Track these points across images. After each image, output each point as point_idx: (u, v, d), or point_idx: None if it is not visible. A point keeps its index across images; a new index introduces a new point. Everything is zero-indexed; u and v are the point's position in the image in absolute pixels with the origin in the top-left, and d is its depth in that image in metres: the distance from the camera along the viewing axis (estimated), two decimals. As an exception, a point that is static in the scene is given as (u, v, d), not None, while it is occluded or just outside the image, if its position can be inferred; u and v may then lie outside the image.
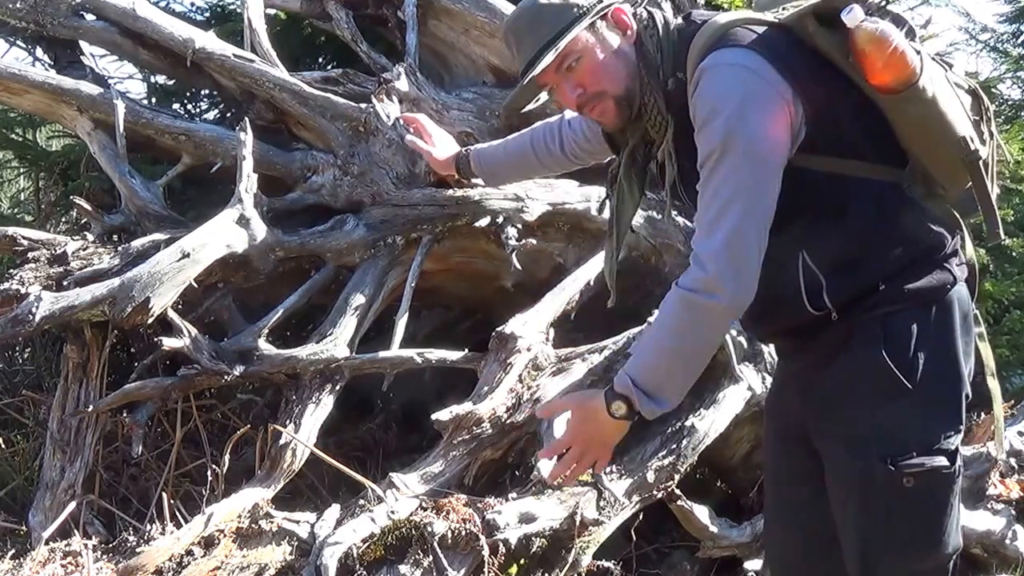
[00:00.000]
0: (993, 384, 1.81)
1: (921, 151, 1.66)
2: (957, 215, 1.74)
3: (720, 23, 1.65)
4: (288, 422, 2.59)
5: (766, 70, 1.58)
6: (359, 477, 2.51)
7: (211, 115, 3.68)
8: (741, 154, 1.56)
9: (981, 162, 1.65)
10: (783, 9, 1.69)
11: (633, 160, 1.83)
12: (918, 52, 1.58)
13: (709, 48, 1.62)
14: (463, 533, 2.30)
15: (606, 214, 1.94)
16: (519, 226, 2.90)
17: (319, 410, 2.66)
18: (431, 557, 2.27)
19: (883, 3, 1.61)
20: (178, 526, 2.40)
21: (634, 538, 2.84)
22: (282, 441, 2.55)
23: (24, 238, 2.65)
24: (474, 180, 2.60)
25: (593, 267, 2.97)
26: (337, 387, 2.72)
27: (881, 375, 1.65)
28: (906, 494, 1.65)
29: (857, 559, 1.74)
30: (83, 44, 3.23)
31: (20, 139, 3.87)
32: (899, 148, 1.67)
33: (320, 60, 3.76)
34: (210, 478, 2.59)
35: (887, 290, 1.65)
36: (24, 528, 2.60)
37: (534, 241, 2.96)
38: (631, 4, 1.75)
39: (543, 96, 1.87)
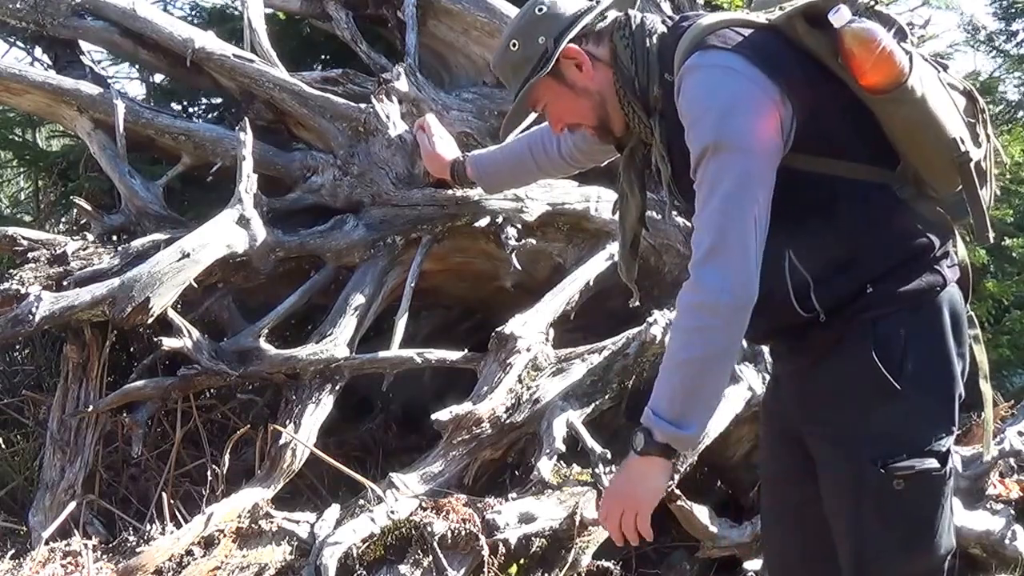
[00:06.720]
0: (985, 388, 1.80)
1: (911, 152, 1.65)
2: (948, 217, 1.73)
3: (704, 25, 1.65)
4: (288, 422, 2.59)
5: (750, 71, 1.57)
6: (359, 477, 2.51)
7: (211, 115, 3.68)
8: (730, 151, 1.55)
9: (974, 164, 1.63)
10: (779, 8, 1.68)
11: (632, 161, 1.85)
12: (907, 52, 1.57)
13: (692, 50, 1.62)
14: (463, 533, 2.30)
15: (616, 216, 1.96)
16: (519, 226, 2.90)
17: (319, 410, 2.66)
18: (431, 557, 2.27)
19: (871, 3, 1.61)
20: (178, 526, 2.40)
21: (634, 538, 2.84)
22: (282, 441, 2.55)
23: (24, 238, 2.66)
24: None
25: (593, 267, 2.97)
26: (337, 387, 2.72)
27: (871, 377, 1.64)
28: (897, 496, 1.64)
29: (851, 561, 1.74)
30: (83, 44, 3.23)
31: (20, 139, 3.86)
32: (891, 149, 1.66)
33: (320, 60, 3.76)
34: (210, 478, 2.59)
35: (876, 292, 1.64)
36: (24, 528, 2.60)
37: (534, 241, 2.96)
38: (618, 8, 1.76)
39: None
